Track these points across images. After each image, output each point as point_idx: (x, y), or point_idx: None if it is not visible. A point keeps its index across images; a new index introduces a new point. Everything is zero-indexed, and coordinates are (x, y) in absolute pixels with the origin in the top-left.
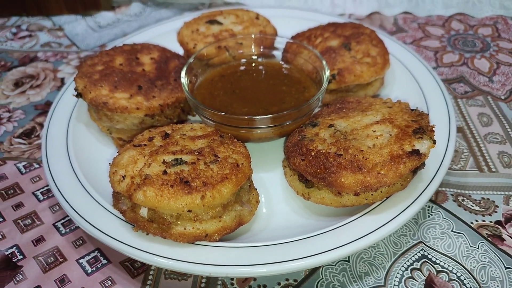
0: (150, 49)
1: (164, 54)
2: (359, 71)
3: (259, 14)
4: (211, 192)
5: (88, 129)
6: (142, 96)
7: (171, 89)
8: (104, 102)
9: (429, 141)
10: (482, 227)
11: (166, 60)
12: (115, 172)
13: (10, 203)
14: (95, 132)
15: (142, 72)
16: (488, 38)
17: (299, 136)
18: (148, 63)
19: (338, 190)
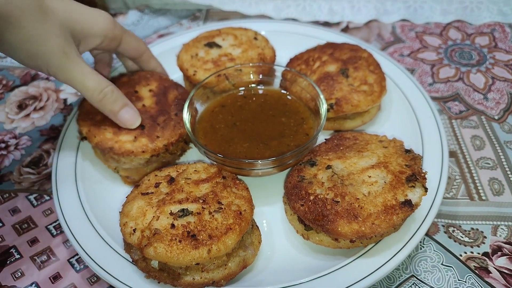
0: (148, 79)
1: (162, 84)
2: (356, 101)
3: (257, 34)
4: (217, 245)
5: (95, 167)
6: (146, 138)
7: (174, 125)
8: (110, 147)
9: (421, 189)
10: (470, 259)
11: (165, 91)
12: (125, 224)
13: (26, 238)
14: (102, 170)
15: (143, 108)
16: (485, 49)
17: (298, 176)
18: (148, 96)
19: (335, 237)
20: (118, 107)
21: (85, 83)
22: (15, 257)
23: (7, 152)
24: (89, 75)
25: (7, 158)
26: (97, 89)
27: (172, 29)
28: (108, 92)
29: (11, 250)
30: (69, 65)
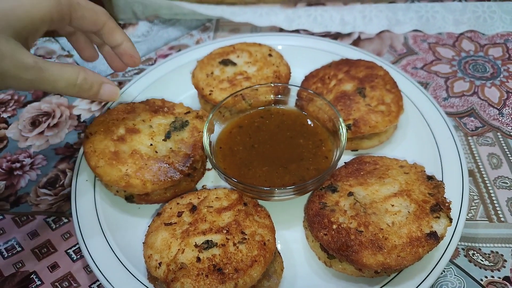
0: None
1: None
2: (374, 122)
3: (271, 50)
4: (243, 279)
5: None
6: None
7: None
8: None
9: (446, 219)
10: (491, 283)
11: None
12: (150, 256)
13: (46, 263)
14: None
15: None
16: (499, 61)
17: (319, 203)
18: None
19: (359, 268)
20: (96, 89)
21: (56, 86)
22: (36, 283)
23: (23, 172)
24: (55, 76)
25: (23, 179)
26: (69, 85)
27: (182, 40)
28: (82, 83)
29: (32, 276)
30: (31, 79)
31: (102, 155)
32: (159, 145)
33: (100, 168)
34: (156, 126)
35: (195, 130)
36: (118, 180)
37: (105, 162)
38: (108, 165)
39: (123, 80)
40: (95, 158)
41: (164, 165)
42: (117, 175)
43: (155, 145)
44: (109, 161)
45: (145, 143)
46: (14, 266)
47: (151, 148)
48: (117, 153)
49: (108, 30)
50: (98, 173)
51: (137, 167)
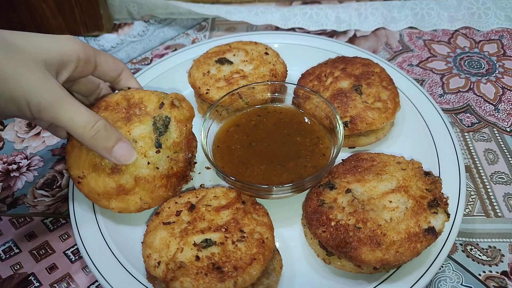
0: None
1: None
2: (371, 119)
3: (268, 48)
4: (242, 277)
5: None
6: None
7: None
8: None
9: (444, 215)
10: (489, 278)
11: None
12: (149, 256)
13: (44, 264)
14: None
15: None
16: (494, 57)
17: (317, 201)
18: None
19: (358, 264)
20: (112, 143)
21: (74, 118)
22: (35, 285)
23: (19, 173)
24: (78, 109)
25: (20, 180)
26: (88, 124)
27: (178, 40)
28: (100, 127)
29: (30, 278)
30: (53, 101)
31: (108, 195)
32: (156, 160)
33: (116, 209)
34: (140, 139)
35: (181, 123)
36: (139, 209)
37: (116, 201)
38: (120, 202)
39: None
40: (103, 201)
41: (172, 177)
42: (136, 207)
43: (152, 162)
44: (118, 198)
45: (142, 165)
46: (12, 268)
47: (150, 167)
48: (122, 187)
49: (126, 76)
50: (116, 211)
51: (149, 191)
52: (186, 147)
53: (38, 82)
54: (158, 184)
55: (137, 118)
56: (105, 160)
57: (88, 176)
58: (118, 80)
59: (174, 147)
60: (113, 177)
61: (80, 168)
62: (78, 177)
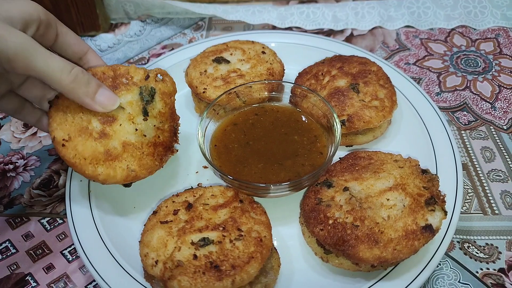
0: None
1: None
2: (368, 117)
3: (265, 47)
4: (240, 276)
5: (109, 188)
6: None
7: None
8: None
9: (441, 212)
10: (486, 275)
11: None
12: (147, 255)
13: (41, 264)
14: (117, 192)
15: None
16: (490, 56)
17: (315, 199)
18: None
19: (356, 262)
20: (93, 87)
21: (49, 63)
22: (32, 285)
23: (16, 173)
24: (51, 55)
25: (16, 180)
26: (65, 68)
27: (175, 40)
28: (78, 72)
29: (27, 278)
30: (22, 47)
31: (95, 160)
32: (143, 127)
33: (102, 175)
34: (128, 106)
35: (165, 96)
36: (125, 178)
37: (103, 167)
38: (108, 168)
39: None
40: (89, 167)
41: (158, 146)
42: (123, 174)
43: (140, 129)
44: (106, 163)
45: (130, 131)
46: (9, 268)
47: (138, 134)
48: (109, 153)
49: (92, 57)
50: (101, 179)
51: (137, 158)
52: (171, 118)
53: (3, 30)
54: (145, 152)
55: (124, 87)
56: (92, 124)
57: (74, 139)
58: (85, 60)
59: (160, 117)
60: (101, 141)
61: (65, 130)
62: (62, 140)
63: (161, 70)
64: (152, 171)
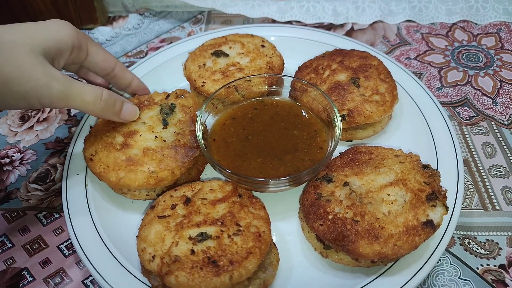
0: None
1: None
2: (369, 112)
3: (264, 41)
4: (238, 271)
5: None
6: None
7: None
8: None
9: (442, 208)
10: (487, 272)
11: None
12: (144, 250)
13: (37, 259)
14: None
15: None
16: (492, 51)
17: (315, 194)
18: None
19: (356, 257)
20: (119, 106)
21: (84, 99)
22: (28, 280)
23: (12, 167)
24: (84, 89)
25: (13, 174)
26: (96, 99)
27: (174, 33)
28: (106, 98)
29: (23, 273)
30: (62, 91)
31: (117, 167)
32: (163, 134)
33: (124, 179)
34: (148, 120)
35: (185, 107)
36: (147, 181)
37: (125, 172)
38: (129, 172)
39: None
40: (113, 173)
41: (179, 148)
42: (144, 176)
43: (159, 136)
44: (127, 168)
45: (150, 138)
46: (5, 262)
47: (158, 140)
48: (130, 159)
49: (120, 70)
50: (124, 184)
51: (157, 161)
52: (193, 123)
53: (45, 77)
54: (165, 154)
55: (146, 107)
56: (116, 139)
57: (100, 153)
58: (112, 74)
59: (180, 125)
60: (123, 151)
61: (93, 148)
62: (90, 155)
63: (181, 90)
64: (175, 171)
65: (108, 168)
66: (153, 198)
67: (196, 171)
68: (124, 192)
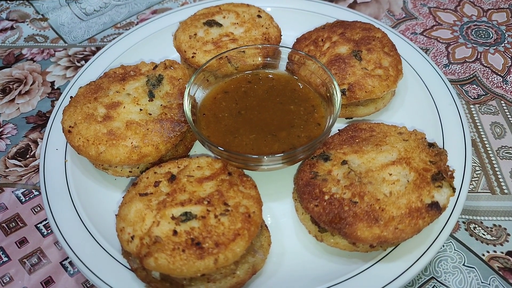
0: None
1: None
2: (371, 87)
3: (261, 11)
4: (224, 254)
5: (87, 160)
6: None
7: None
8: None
9: (449, 189)
10: (493, 258)
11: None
12: (122, 229)
13: (14, 238)
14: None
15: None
16: (503, 27)
17: (310, 173)
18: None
19: (353, 241)
20: None
21: None
22: (3, 260)
23: None
24: None
25: None
26: None
27: (166, 4)
28: None
29: None
30: None
31: (98, 141)
32: (149, 106)
33: (104, 153)
34: (133, 92)
35: (174, 79)
36: (130, 156)
37: (105, 146)
38: (110, 147)
39: (101, 45)
40: (92, 147)
41: (165, 122)
42: (126, 151)
43: (145, 108)
44: (108, 142)
45: (134, 111)
46: None
47: (142, 113)
48: (112, 132)
49: None
50: (105, 159)
51: (141, 135)
52: (180, 96)
53: None
54: (150, 128)
55: (131, 78)
56: (97, 111)
57: (80, 125)
58: None
59: (167, 97)
60: (105, 123)
61: (72, 119)
62: (69, 127)
63: (170, 60)
64: (160, 146)
65: (87, 142)
66: (136, 175)
67: (183, 148)
68: (105, 167)
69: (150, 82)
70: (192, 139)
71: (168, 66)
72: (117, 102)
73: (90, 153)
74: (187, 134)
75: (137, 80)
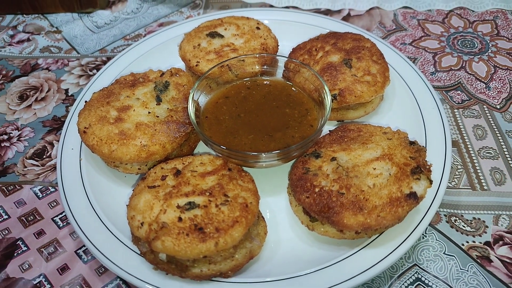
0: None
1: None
2: (360, 92)
3: (259, 23)
4: (224, 238)
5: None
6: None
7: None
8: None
9: (426, 181)
10: (472, 248)
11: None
12: (133, 217)
13: (32, 230)
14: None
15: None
16: (487, 37)
17: (303, 168)
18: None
19: (340, 229)
20: None
21: None
22: (22, 249)
23: (10, 143)
24: None
25: (10, 150)
26: None
27: (172, 18)
28: None
29: (18, 242)
30: None
31: (110, 140)
32: (156, 109)
33: (116, 152)
34: (142, 96)
35: (179, 85)
36: (139, 154)
37: (117, 145)
38: (122, 146)
39: (111, 55)
40: (105, 146)
41: (171, 124)
42: (135, 150)
43: (152, 111)
44: (120, 141)
45: (143, 113)
46: (1, 233)
47: (151, 115)
48: (123, 132)
49: None
50: (116, 157)
51: (149, 135)
52: (184, 100)
53: None
54: (158, 129)
55: (140, 84)
56: (109, 113)
57: (94, 126)
58: None
59: (173, 101)
60: (116, 125)
61: (87, 121)
62: (84, 128)
63: (175, 68)
64: (166, 146)
65: (101, 141)
66: (144, 172)
67: (188, 147)
68: (116, 165)
69: (157, 88)
70: (196, 140)
71: (174, 73)
72: (128, 105)
73: (103, 151)
74: (191, 135)
75: (145, 86)
